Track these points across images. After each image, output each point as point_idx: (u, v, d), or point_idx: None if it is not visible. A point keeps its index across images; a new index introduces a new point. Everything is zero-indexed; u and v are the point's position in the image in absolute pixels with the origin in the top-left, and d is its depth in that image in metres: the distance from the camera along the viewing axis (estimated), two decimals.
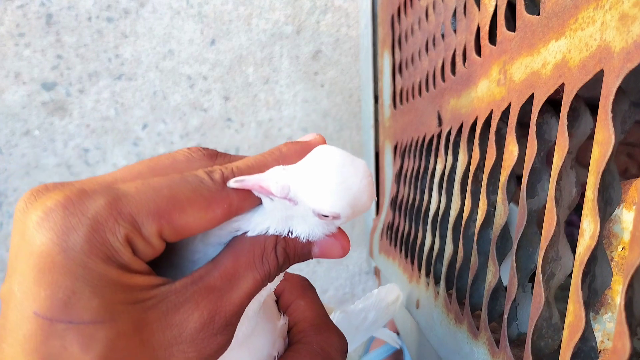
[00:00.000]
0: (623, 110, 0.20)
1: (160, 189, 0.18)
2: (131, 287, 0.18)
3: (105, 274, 0.17)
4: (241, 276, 0.20)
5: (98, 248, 0.17)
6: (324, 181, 0.20)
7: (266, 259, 0.21)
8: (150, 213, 0.18)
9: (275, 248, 0.21)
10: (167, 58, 0.83)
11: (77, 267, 0.17)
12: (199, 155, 0.21)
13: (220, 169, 0.20)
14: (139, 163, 0.21)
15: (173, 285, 0.19)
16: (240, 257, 0.21)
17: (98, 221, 0.17)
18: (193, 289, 0.19)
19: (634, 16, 0.18)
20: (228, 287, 0.20)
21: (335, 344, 0.26)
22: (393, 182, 0.61)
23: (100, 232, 0.17)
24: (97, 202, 0.17)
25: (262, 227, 0.21)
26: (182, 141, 0.83)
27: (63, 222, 0.17)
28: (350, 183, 0.20)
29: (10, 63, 0.80)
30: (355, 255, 0.87)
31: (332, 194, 0.20)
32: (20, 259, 0.17)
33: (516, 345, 0.27)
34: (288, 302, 0.27)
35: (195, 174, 0.19)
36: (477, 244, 0.32)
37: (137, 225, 0.18)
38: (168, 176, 0.19)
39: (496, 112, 0.31)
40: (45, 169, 0.82)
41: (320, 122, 0.85)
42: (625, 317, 0.16)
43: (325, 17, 0.84)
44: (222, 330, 0.20)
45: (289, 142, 0.22)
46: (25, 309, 0.17)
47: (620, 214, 0.22)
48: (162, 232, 0.18)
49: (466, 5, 0.36)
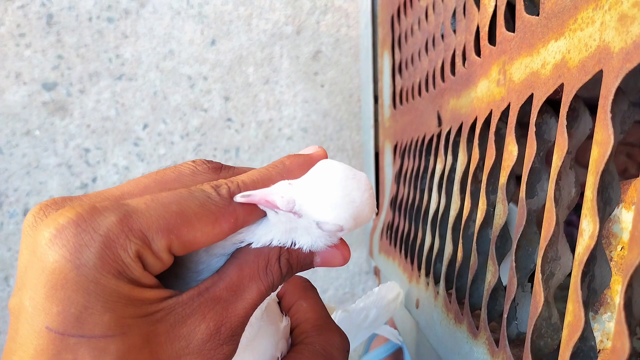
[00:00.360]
0: (622, 110, 0.20)
1: (169, 204, 0.19)
2: (141, 301, 0.18)
3: (117, 289, 0.17)
4: (246, 287, 0.21)
5: (110, 264, 0.17)
6: (328, 195, 0.21)
7: (270, 270, 0.21)
8: (160, 229, 0.18)
9: (279, 259, 0.22)
10: (167, 58, 0.83)
11: (89, 283, 0.17)
12: (204, 168, 0.22)
13: (226, 183, 0.20)
14: (145, 177, 0.21)
15: (180, 297, 0.19)
16: (245, 268, 0.21)
17: (110, 238, 0.17)
18: (200, 301, 0.20)
19: (633, 16, 0.18)
20: (233, 298, 0.20)
21: (337, 344, 0.26)
22: (393, 182, 0.61)
23: (112, 249, 0.17)
24: (109, 218, 0.17)
25: (266, 239, 0.22)
26: (183, 141, 0.83)
27: (75, 239, 0.17)
28: (353, 196, 0.21)
29: (11, 63, 0.80)
30: (355, 255, 0.87)
31: (336, 208, 0.21)
32: (31, 274, 0.17)
33: (516, 344, 0.27)
34: (290, 304, 0.28)
35: (202, 189, 0.20)
36: (476, 243, 0.33)
37: (148, 241, 0.18)
38: (176, 191, 0.19)
39: (496, 112, 0.31)
40: (46, 169, 0.82)
41: (320, 122, 0.85)
42: (625, 317, 0.16)
43: (325, 17, 0.84)
44: (228, 340, 0.20)
45: (292, 155, 0.23)
46: (37, 324, 0.17)
47: (620, 213, 0.22)
48: (171, 246, 0.19)
49: (466, 6, 0.36)
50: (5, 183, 0.81)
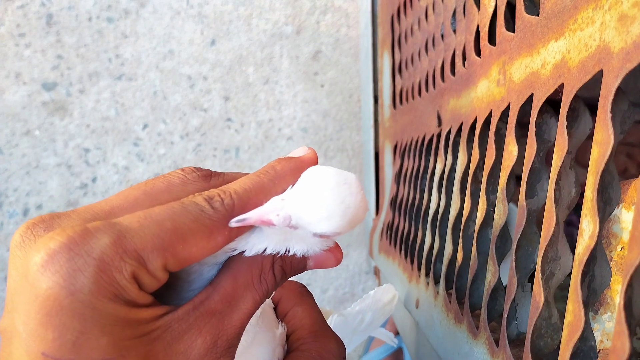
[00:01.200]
0: (622, 110, 0.20)
1: (163, 221, 0.18)
2: (138, 322, 0.18)
3: (113, 312, 0.17)
4: (240, 297, 0.21)
5: (105, 288, 0.17)
6: (323, 205, 0.21)
7: (264, 278, 0.21)
8: (155, 248, 0.18)
9: (273, 267, 0.22)
10: (167, 58, 0.83)
11: (85, 308, 0.17)
12: (193, 177, 0.21)
13: (219, 194, 0.20)
14: (134, 188, 0.21)
15: (176, 313, 0.19)
16: (239, 278, 0.21)
17: (104, 261, 0.17)
18: (195, 315, 0.19)
19: (633, 16, 0.18)
20: (229, 310, 0.20)
21: (333, 350, 0.26)
22: (393, 182, 0.61)
23: (107, 272, 0.17)
24: (102, 240, 0.17)
25: (260, 247, 0.21)
26: (183, 141, 0.83)
27: (69, 264, 0.16)
28: (348, 202, 0.21)
29: (11, 63, 0.80)
30: (355, 255, 0.87)
31: (332, 216, 0.21)
32: (23, 299, 0.17)
33: (515, 344, 0.27)
34: (286, 310, 0.27)
35: (195, 202, 0.19)
36: (476, 243, 0.33)
37: (143, 261, 0.18)
38: (168, 206, 0.19)
39: (496, 112, 0.31)
40: (45, 169, 0.82)
41: (320, 122, 0.85)
42: (625, 317, 0.16)
43: (325, 17, 0.84)
44: (225, 352, 0.20)
45: (282, 159, 0.23)
46: (33, 349, 0.17)
47: (620, 213, 0.22)
48: (167, 264, 0.18)
49: (466, 6, 0.36)
50: (5, 183, 0.81)
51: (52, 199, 0.82)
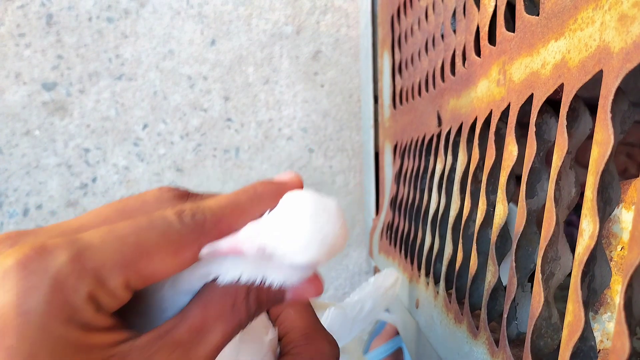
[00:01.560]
0: (622, 110, 0.20)
1: (126, 236, 0.17)
2: (92, 347, 0.17)
3: (65, 336, 0.16)
4: (210, 329, 0.19)
5: (59, 309, 0.16)
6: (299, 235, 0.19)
7: (237, 309, 0.20)
8: (115, 265, 0.17)
9: (248, 297, 0.20)
10: (167, 58, 0.83)
11: (35, 330, 0.16)
12: (169, 195, 0.21)
13: (190, 209, 0.19)
14: (107, 206, 0.20)
15: (137, 340, 0.18)
16: (210, 308, 0.19)
17: (59, 280, 0.16)
18: (158, 345, 0.18)
19: (633, 16, 0.18)
20: (195, 341, 0.19)
21: (325, 352, 0.25)
22: (393, 182, 0.61)
23: (62, 292, 0.16)
24: (59, 258, 0.16)
25: (234, 274, 0.20)
26: (182, 141, 0.83)
27: (22, 282, 0.16)
28: (326, 232, 0.20)
29: (11, 63, 0.80)
30: (355, 255, 0.87)
31: (309, 247, 0.19)
32: None
33: (515, 344, 0.27)
34: (278, 311, 0.26)
35: (163, 216, 0.18)
36: (476, 243, 0.33)
37: (102, 279, 0.17)
38: (135, 220, 0.18)
39: (496, 112, 0.31)
40: (45, 169, 0.82)
41: (320, 122, 0.85)
42: (625, 317, 0.16)
43: (325, 17, 0.84)
44: None
45: (265, 181, 0.22)
46: None
47: (620, 213, 0.22)
48: (129, 282, 0.17)
49: (466, 6, 0.36)
50: (5, 183, 0.81)
51: (52, 199, 0.82)
